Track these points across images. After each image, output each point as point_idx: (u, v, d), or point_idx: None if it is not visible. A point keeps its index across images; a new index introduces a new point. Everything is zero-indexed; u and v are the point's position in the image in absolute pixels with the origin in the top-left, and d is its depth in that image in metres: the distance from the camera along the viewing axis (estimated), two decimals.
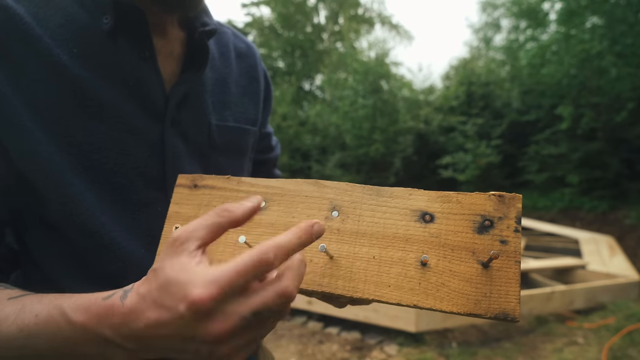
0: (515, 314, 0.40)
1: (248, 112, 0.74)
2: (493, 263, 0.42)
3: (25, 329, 0.41)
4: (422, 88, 15.58)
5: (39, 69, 0.51)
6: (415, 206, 0.47)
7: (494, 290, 0.41)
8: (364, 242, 0.47)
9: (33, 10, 0.52)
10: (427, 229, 0.45)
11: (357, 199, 0.49)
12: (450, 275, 0.43)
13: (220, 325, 0.35)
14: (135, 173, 0.57)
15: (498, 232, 0.43)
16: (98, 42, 0.55)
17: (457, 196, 0.46)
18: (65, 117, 0.52)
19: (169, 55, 0.62)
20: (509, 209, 0.44)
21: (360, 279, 0.45)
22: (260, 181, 0.54)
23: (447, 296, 0.42)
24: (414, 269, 0.44)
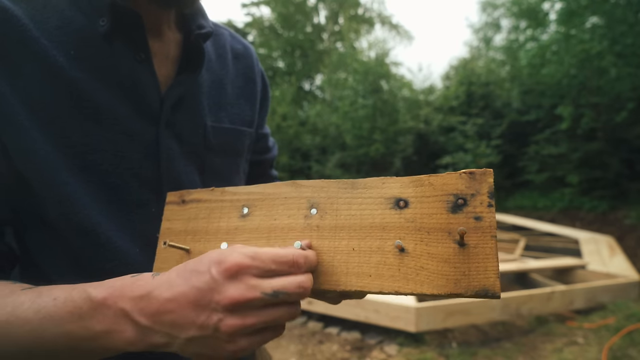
0: (495, 289, 0.40)
1: (244, 113, 0.74)
2: (469, 240, 0.42)
3: (42, 311, 0.42)
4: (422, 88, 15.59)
5: (36, 70, 0.51)
6: (389, 194, 0.47)
7: (472, 267, 0.41)
8: (343, 236, 0.47)
9: (31, 12, 0.52)
10: (402, 215, 0.46)
11: (333, 194, 0.50)
12: (428, 258, 0.43)
13: (240, 292, 0.38)
14: (129, 174, 0.57)
15: (472, 209, 0.43)
16: (94, 44, 0.55)
17: (428, 179, 0.47)
18: (61, 118, 0.53)
19: (164, 58, 0.62)
20: (480, 184, 0.44)
21: (342, 272, 0.46)
22: (242, 189, 0.56)
23: (426, 279, 0.42)
24: (393, 256, 0.44)
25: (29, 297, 0.44)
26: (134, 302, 0.41)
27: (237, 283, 0.39)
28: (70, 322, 0.41)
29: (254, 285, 0.39)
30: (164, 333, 0.40)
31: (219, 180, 0.68)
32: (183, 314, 0.39)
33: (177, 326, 0.40)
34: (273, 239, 0.50)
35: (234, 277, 0.39)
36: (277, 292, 0.40)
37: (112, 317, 0.41)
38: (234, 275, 0.39)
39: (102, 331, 0.41)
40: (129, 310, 0.40)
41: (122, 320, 0.41)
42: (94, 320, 0.41)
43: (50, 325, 0.42)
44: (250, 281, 0.39)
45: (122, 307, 0.41)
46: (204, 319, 0.39)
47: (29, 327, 0.42)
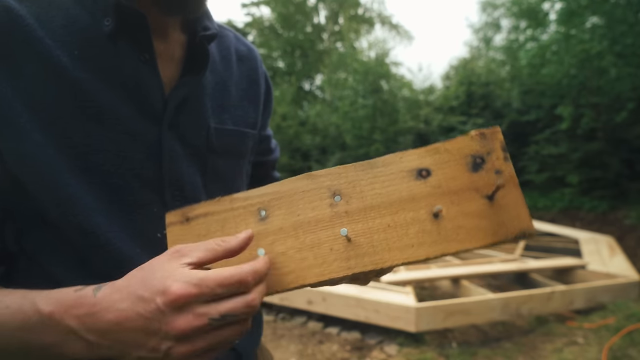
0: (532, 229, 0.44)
1: (248, 115, 0.74)
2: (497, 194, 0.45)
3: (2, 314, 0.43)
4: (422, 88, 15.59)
5: (39, 70, 0.51)
6: (409, 167, 0.49)
7: (505, 217, 0.44)
8: (374, 215, 0.48)
9: (35, 11, 0.52)
10: (427, 184, 0.47)
11: (353, 178, 0.50)
12: (464, 217, 0.45)
13: (189, 322, 0.39)
14: (131, 174, 0.57)
15: (491, 166, 0.47)
16: (99, 44, 0.55)
17: (443, 145, 0.49)
18: (64, 118, 0.53)
19: (169, 59, 0.62)
20: (493, 142, 0.47)
21: (384, 249, 0.46)
22: (253, 192, 0.53)
23: (467, 236, 0.45)
24: (430, 223, 0.46)
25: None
26: (79, 319, 0.41)
27: (184, 314, 0.39)
28: (21, 331, 0.43)
29: (201, 313, 0.39)
30: (115, 348, 0.41)
31: (221, 182, 0.68)
32: (131, 336, 0.40)
33: (127, 345, 0.40)
34: (302, 235, 0.49)
35: (181, 308, 0.39)
36: (224, 316, 0.40)
37: (60, 332, 0.42)
38: (180, 307, 0.39)
39: (52, 343, 0.42)
40: (75, 327, 0.41)
41: (70, 337, 0.42)
42: (43, 333, 0.42)
43: (2, 331, 0.43)
44: (196, 309, 0.39)
45: (68, 324, 0.41)
46: (154, 344, 0.40)
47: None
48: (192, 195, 0.64)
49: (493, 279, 4.51)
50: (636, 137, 8.85)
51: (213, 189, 0.67)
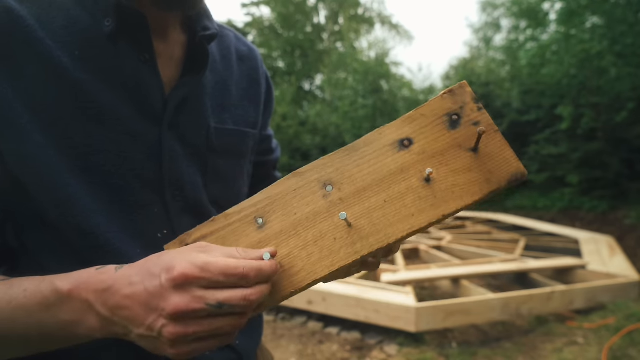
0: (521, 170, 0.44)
1: (248, 115, 0.74)
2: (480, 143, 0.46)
3: (13, 302, 0.45)
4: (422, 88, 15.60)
5: (40, 71, 0.51)
6: (391, 140, 0.50)
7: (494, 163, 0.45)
8: (368, 195, 0.49)
9: (36, 12, 0.52)
10: (412, 152, 0.48)
11: (339, 165, 0.51)
12: (455, 175, 0.46)
13: (185, 302, 0.40)
14: (132, 175, 0.57)
15: (467, 119, 0.48)
16: (99, 44, 0.55)
17: (418, 111, 0.50)
18: (65, 119, 0.53)
19: (169, 59, 0.62)
20: (463, 96, 0.48)
21: (386, 225, 0.47)
22: (245, 203, 0.54)
23: (462, 192, 0.45)
24: (424, 189, 0.47)
25: (2, 289, 0.46)
26: (97, 294, 0.43)
27: (183, 293, 0.40)
28: (39, 312, 0.44)
29: (199, 297, 0.40)
30: (122, 325, 0.43)
31: (222, 182, 0.68)
32: (136, 312, 0.42)
33: (131, 321, 0.42)
34: (303, 232, 0.50)
35: (181, 287, 0.40)
36: (221, 304, 0.41)
37: (77, 307, 0.44)
38: (180, 285, 0.40)
39: (69, 321, 0.44)
40: (92, 301, 0.43)
41: (87, 311, 0.44)
42: (61, 310, 0.44)
43: (21, 315, 0.44)
44: (196, 292, 0.41)
45: (87, 299, 0.43)
46: (151, 321, 0.41)
47: (3, 315, 0.44)
48: (192, 196, 0.64)
49: (493, 279, 4.51)
50: (636, 137, 8.85)
51: (214, 189, 0.67)
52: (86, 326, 0.44)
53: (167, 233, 0.61)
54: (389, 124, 0.50)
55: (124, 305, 0.42)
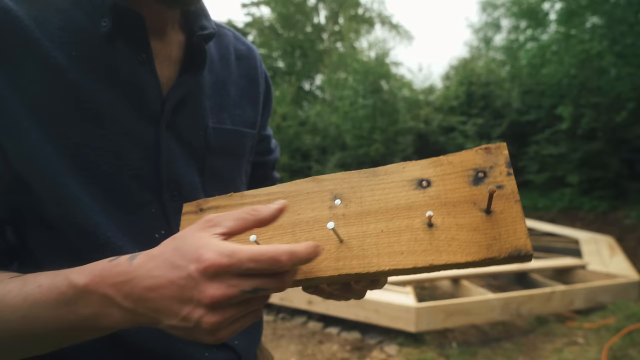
0: (527, 248, 0.41)
1: (246, 114, 0.74)
2: (494, 207, 0.44)
3: (29, 298, 0.43)
4: (422, 88, 15.57)
5: (37, 71, 0.51)
6: (411, 176, 0.49)
7: (502, 232, 0.42)
8: (370, 220, 0.48)
9: (33, 13, 0.52)
10: (426, 193, 0.47)
11: (355, 184, 0.51)
12: (458, 229, 0.44)
13: (221, 291, 0.39)
14: (130, 175, 0.58)
15: (492, 180, 0.45)
16: (96, 45, 0.55)
17: (447, 158, 0.49)
18: (62, 118, 0.53)
19: (167, 59, 0.62)
20: (497, 157, 0.46)
21: (374, 254, 0.46)
22: (261, 190, 0.57)
23: (459, 248, 0.43)
24: (423, 232, 0.45)
25: (16, 285, 0.45)
26: (116, 287, 0.42)
27: (217, 283, 0.40)
28: (57, 307, 0.43)
29: (233, 284, 0.40)
30: (149, 316, 0.42)
31: (220, 182, 0.68)
32: (165, 304, 0.40)
33: (159, 312, 0.41)
34: (298, 233, 0.51)
35: (213, 276, 0.40)
36: (256, 289, 0.41)
37: (97, 302, 0.42)
38: (213, 275, 0.40)
39: (90, 314, 0.43)
40: (112, 295, 0.42)
41: (108, 305, 0.42)
42: (80, 305, 0.43)
43: (39, 311, 0.43)
44: (229, 280, 0.40)
45: (105, 293, 0.42)
46: (187, 313, 0.40)
47: (19, 313, 0.43)
48: (190, 196, 0.64)
49: (493, 279, 4.51)
50: (636, 137, 8.84)
51: (211, 189, 0.67)
52: (109, 319, 0.43)
53: (164, 234, 0.61)
54: (415, 161, 0.50)
55: (148, 297, 0.41)
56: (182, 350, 0.62)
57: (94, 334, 0.45)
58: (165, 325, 0.42)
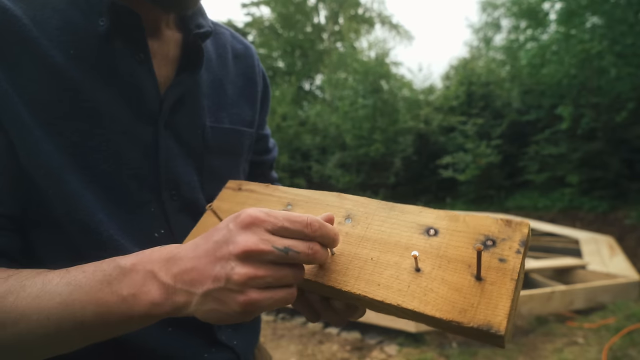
0: (500, 327, 0.38)
1: (244, 113, 0.74)
2: (487, 277, 0.42)
3: (72, 283, 0.44)
4: (422, 88, 15.58)
5: (36, 70, 0.51)
6: (423, 222, 0.50)
7: (482, 302, 0.41)
8: (366, 245, 0.50)
9: (31, 12, 0.53)
10: (429, 241, 0.47)
11: (370, 211, 0.53)
12: (441, 283, 0.43)
13: (253, 241, 0.40)
14: (128, 174, 0.58)
15: (499, 251, 0.44)
16: (94, 44, 0.55)
17: (464, 217, 0.48)
18: (61, 117, 0.53)
19: (164, 58, 0.62)
20: (514, 232, 0.45)
21: (354, 276, 0.47)
22: (292, 190, 0.62)
23: (433, 301, 0.42)
24: (407, 274, 0.45)
25: (58, 274, 0.45)
26: (161, 263, 0.43)
27: (251, 234, 0.41)
28: (99, 290, 0.43)
29: (266, 239, 0.41)
30: (184, 291, 0.42)
31: (217, 181, 0.68)
32: (201, 269, 0.41)
33: (195, 282, 0.41)
34: None
35: (248, 228, 0.41)
36: (287, 249, 0.41)
37: (140, 279, 0.43)
38: (248, 226, 0.41)
39: (130, 294, 0.43)
40: (156, 270, 0.43)
41: (149, 281, 0.43)
42: (123, 284, 0.43)
43: (79, 295, 0.43)
44: (263, 235, 0.41)
45: (151, 269, 0.43)
46: (218, 270, 0.41)
47: (59, 299, 0.43)
48: (189, 195, 0.64)
49: None
50: (636, 137, 8.85)
51: (210, 187, 0.67)
52: (146, 298, 0.42)
53: (164, 233, 0.61)
54: (435, 209, 0.50)
55: (189, 268, 0.42)
56: (182, 350, 0.62)
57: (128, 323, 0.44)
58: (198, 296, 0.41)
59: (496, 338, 0.39)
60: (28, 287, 0.44)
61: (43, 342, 0.44)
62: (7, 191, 0.51)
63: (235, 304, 0.41)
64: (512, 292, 0.40)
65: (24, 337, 0.43)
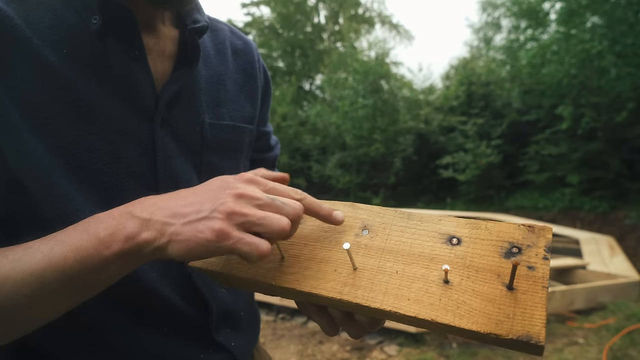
0: (540, 337, 0.38)
1: (244, 109, 0.73)
2: (519, 286, 0.42)
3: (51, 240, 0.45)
4: (422, 88, 15.60)
5: (29, 70, 0.51)
6: (444, 230, 0.48)
7: (517, 312, 0.40)
8: (389, 258, 0.48)
9: (23, 13, 0.52)
10: (453, 251, 0.46)
11: (387, 221, 0.52)
12: (473, 294, 0.42)
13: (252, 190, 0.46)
14: (125, 173, 0.57)
15: (526, 259, 0.43)
16: (87, 42, 0.55)
17: (486, 224, 0.47)
18: (55, 117, 0.52)
19: (160, 54, 0.61)
20: (538, 238, 0.45)
21: (381, 291, 0.45)
22: None
23: (466, 314, 0.41)
24: (436, 286, 0.44)
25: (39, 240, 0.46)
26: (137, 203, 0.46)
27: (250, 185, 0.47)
28: (78, 239, 0.44)
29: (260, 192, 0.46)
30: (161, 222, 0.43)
31: None
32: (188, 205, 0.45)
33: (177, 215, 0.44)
34: (318, 249, 0.51)
35: (248, 183, 0.47)
36: (274, 198, 0.46)
37: (116, 220, 0.44)
38: (248, 182, 0.47)
39: (107, 235, 0.43)
40: (132, 209, 0.45)
41: (125, 219, 0.44)
42: (99, 227, 0.44)
43: (60, 248, 0.44)
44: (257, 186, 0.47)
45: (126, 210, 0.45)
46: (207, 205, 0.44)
47: (40, 255, 0.44)
48: None
49: None
50: (636, 137, 8.85)
51: None
52: (122, 234, 0.43)
53: None
54: (454, 217, 0.50)
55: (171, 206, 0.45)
56: (178, 351, 0.61)
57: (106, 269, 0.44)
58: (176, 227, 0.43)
59: (536, 348, 0.38)
60: (10, 255, 0.45)
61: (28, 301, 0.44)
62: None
63: (209, 230, 0.42)
64: (546, 301, 0.40)
65: (10, 298, 0.43)
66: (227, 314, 0.68)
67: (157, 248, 0.43)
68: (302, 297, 0.50)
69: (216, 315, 0.65)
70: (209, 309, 0.64)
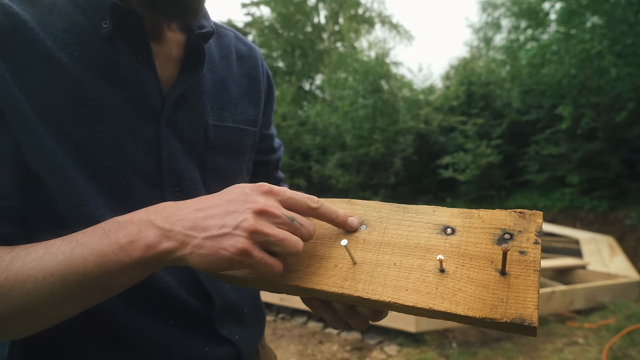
0: (532, 319, 0.40)
1: (247, 112, 0.75)
2: (511, 270, 0.43)
3: (73, 241, 0.47)
4: (422, 88, 15.59)
5: (42, 71, 0.54)
6: (438, 221, 0.50)
7: (511, 296, 0.42)
8: (386, 251, 0.50)
9: (38, 17, 0.55)
10: (447, 240, 0.48)
11: (384, 215, 0.53)
12: (468, 282, 0.44)
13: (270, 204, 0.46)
14: (131, 171, 0.59)
15: (517, 244, 0.45)
16: (98, 45, 0.57)
17: (478, 212, 0.49)
18: (66, 116, 0.55)
19: (167, 58, 0.64)
20: (529, 223, 0.46)
21: (380, 283, 0.47)
22: None
23: (463, 300, 0.43)
24: (432, 275, 0.46)
25: (60, 239, 0.48)
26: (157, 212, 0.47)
27: (268, 198, 0.47)
28: (98, 243, 0.45)
29: (278, 206, 0.47)
30: (183, 234, 0.44)
31: (220, 179, 0.69)
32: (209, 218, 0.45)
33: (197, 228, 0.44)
34: (319, 246, 0.53)
35: (266, 194, 0.47)
36: (293, 218, 0.47)
37: (137, 227, 0.45)
38: (266, 193, 0.47)
39: (127, 242, 0.45)
40: (153, 219, 0.46)
41: (146, 228, 0.45)
42: (120, 234, 0.45)
43: (81, 250, 0.45)
44: (276, 202, 0.47)
45: (147, 218, 0.46)
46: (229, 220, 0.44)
47: (62, 256, 0.45)
48: (191, 191, 0.65)
49: None
50: (636, 137, 8.85)
51: (212, 185, 0.68)
52: (142, 242, 0.44)
53: None
54: (447, 207, 0.51)
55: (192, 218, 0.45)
56: (182, 343, 0.63)
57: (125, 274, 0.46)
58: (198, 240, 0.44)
59: (529, 329, 0.40)
60: (33, 252, 0.46)
61: (49, 300, 0.45)
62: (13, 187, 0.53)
63: (233, 248, 0.43)
64: (538, 284, 0.42)
65: (32, 296, 0.45)
66: (229, 309, 0.70)
67: (177, 258, 0.45)
68: (305, 293, 0.51)
69: (219, 309, 0.67)
70: (212, 303, 0.66)
